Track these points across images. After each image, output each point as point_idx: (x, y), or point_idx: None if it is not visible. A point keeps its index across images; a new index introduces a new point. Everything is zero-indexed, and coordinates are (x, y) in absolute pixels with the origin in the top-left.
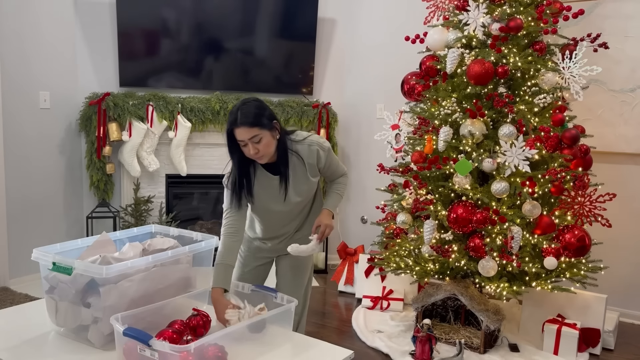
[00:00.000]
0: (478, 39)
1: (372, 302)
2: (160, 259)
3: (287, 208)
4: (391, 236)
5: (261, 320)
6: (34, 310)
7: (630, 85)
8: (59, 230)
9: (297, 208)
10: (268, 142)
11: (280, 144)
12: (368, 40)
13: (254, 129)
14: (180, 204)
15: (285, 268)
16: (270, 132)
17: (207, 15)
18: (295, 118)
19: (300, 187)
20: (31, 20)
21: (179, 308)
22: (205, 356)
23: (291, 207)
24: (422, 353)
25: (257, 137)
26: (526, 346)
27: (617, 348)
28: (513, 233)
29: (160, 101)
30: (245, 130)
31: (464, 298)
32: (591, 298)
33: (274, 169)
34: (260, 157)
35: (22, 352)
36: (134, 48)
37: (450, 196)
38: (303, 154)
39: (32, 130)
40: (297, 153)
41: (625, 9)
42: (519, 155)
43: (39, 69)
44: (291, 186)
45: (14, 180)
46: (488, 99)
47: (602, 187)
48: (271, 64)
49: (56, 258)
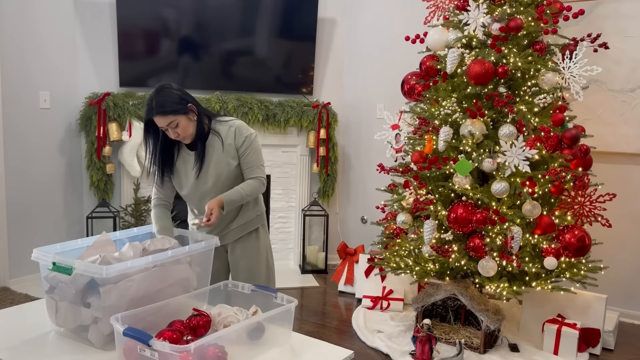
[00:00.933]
0: (478, 39)
1: (372, 302)
2: (160, 259)
3: (205, 186)
4: (391, 236)
5: (259, 326)
6: (34, 310)
7: (630, 85)
8: (59, 230)
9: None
10: (185, 125)
11: (199, 123)
12: (368, 40)
13: (169, 117)
14: (180, 204)
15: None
16: (185, 116)
17: (207, 15)
18: (295, 118)
19: (218, 167)
20: (31, 20)
21: (179, 308)
22: (205, 356)
23: (209, 186)
24: (422, 353)
25: (173, 122)
26: (526, 346)
27: (617, 348)
28: (513, 233)
29: None
30: (161, 118)
31: (464, 298)
32: (591, 298)
33: (193, 147)
34: (182, 138)
35: (22, 352)
36: (134, 48)
37: (450, 196)
38: (222, 133)
39: (32, 131)
40: (217, 132)
41: (625, 9)
42: (519, 155)
43: (39, 69)
44: (207, 164)
45: (14, 181)
46: (488, 99)
47: (602, 187)
48: (271, 64)
49: (56, 258)
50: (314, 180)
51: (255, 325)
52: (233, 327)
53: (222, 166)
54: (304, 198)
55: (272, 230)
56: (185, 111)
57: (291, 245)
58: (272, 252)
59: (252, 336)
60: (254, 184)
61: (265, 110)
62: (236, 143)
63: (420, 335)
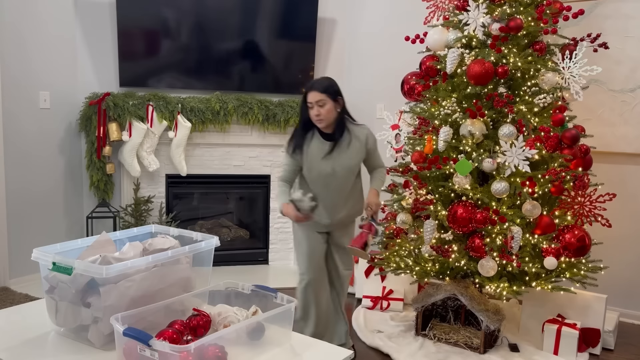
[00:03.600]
0: (478, 39)
1: (372, 302)
2: (160, 259)
3: (328, 170)
4: (391, 236)
5: (260, 327)
6: (34, 310)
7: (630, 85)
8: (59, 230)
9: (338, 178)
10: (329, 109)
11: (340, 117)
12: (368, 40)
13: (322, 95)
14: (180, 204)
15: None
16: (333, 102)
17: (207, 15)
18: (295, 118)
19: (344, 160)
20: (31, 20)
21: (179, 308)
22: (205, 356)
23: (332, 172)
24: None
25: (321, 101)
26: (526, 346)
27: (617, 348)
28: (513, 233)
29: (160, 101)
30: (315, 94)
31: (464, 298)
32: (591, 298)
33: (329, 137)
34: (320, 120)
35: (22, 352)
36: (134, 48)
37: (450, 196)
38: (355, 132)
39: (32, 130)
40: (351, 131)
41: (625, 9)
42: (519, 155)
43: (39, 69)
44: (337, 154)
45: (14, 180)
46: (488, 99)
47: (602, 187)
48: (271, 64)
49: (56, 258)
50: None
51: (255, 325)
52: (233, 327)
53: (348, 161)
54: None
55: (272, 230)
56: (335, 98)
57: (291, 245)
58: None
59: (252, 336)
60: (382, 170)
61: (265, 110)
62: (367, 145)
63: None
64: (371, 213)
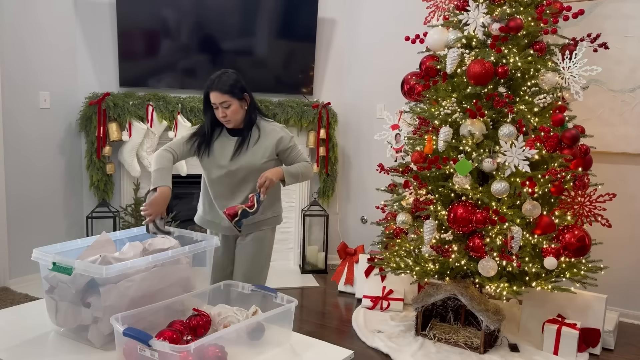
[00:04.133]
0: (478, 39)
1: (372, 302)
2: (160, 259)
3: (233, 167)
4: (391, 236)
5: (260, 327)
6: (34, 310)
7: (630, 85)
8: (59, 230)
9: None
10: (235, 109)
11: (248, 115)
12: (368, 40)
13: (225, 96)
14: (180, 204)
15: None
16: (239, 101)
17: (207, 15)
18: (295, 118)
19: (251, 158)
20: (31, 20)
21: (179, 308)
22: (205, 356)
23: (235, 171)
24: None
25: (226, 103)
26: (526, 346)
27: (617, 348)
28: (513, 233)
29: (160, 101)
30: (218, 95)
31: (464, 298)
32: (591, 298)
33: (236, 133)
34: (227, 121)
35: (22, 352)
36: (134, 48)
37: (450, 196)
38: (265, 131)
39: (32, 130)
40: (261, 129)
41: (625, 9)
42: (519, 155)
43: (39, 69)
44: (244, 151)
45: (14, 181)
46: (488, 99)
47: (602, 187)
48: (271, 64)
49: (56, 258)
50: (314, 180)
51: (255, 325)
52: (233, 327)
53: (254, 159)
54: (304, 198)
55: None
56: (240, 97)
57: (291, 245)
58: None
59: (252, 336)
60: (307, 164)
61: (265, 110)
62: (278, 146)
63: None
64: (259, 185)
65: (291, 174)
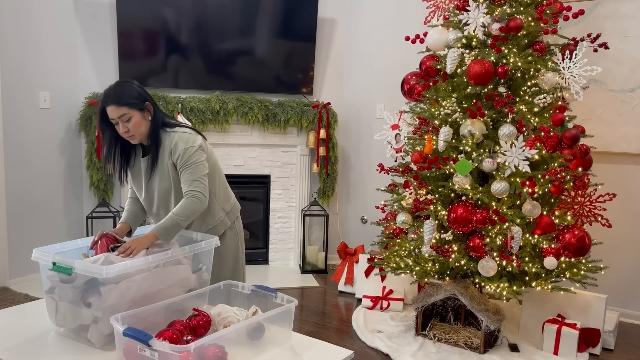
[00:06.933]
0: (478, 39)
1: (372, 302)
2: (161, 259)
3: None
4: (391, 236)
5: (260, 326)
6: (34, 310)
7: (630, 85)
8: (59, 230)
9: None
10: (137, 122)
11: (152, 125)
12: (368, 40)
13: (122, 108)
14: None
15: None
16: (140, 112)
17: (207, 15)
18: (295, 118)
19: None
20: (31, 20)
21: (179, 308)
22: (205, 356)
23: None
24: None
25: (126, 115)
26: (526, 346)
27: (617, 348)
28: (513, 233)
29: (160, 101)
30: (115, 108)
31: (464, 298)
32: (591, 298)
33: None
34: (131, 136)
35: (22, 352)
36: (134, 48)
37: (450, 196)
38: (164, 142)
39: (32, 130)
40: (162, 142)
41: (625, 9)
42: (519, 155)
43: (39, 69)
44: (155, 171)
45: (14, 180)
46: (488, 99)
47: (602, 187)
48: (271, 64)
49: (56, 258)
50: (314, 180)
51: (255, 325)
52: (233, 327)
53: (161, 182)
54: (304, 198)
55: (272, 230)
56: (141, 108)
57: (291, 245)
58: (243, 253)
59: (252, 336)
60: (188, 204)
61: (265, 110)
62: (173, 154)
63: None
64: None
65: (166, 230)
